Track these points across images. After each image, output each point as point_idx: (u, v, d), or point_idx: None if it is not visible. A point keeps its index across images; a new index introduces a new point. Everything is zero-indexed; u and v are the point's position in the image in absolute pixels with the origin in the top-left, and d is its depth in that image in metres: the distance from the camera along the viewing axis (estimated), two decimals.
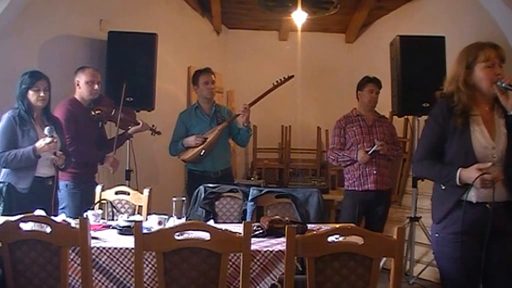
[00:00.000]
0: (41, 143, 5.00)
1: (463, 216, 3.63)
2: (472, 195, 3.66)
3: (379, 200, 6.46)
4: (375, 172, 6.35)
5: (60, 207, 5.72)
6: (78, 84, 5.95)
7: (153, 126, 6.39)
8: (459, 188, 3.66)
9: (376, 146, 6.26)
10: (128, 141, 6.48)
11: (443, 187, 3.81)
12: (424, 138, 3.99)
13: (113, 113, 5.98)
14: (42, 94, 5.13)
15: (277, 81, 6.87)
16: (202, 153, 6.66)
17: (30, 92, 5.12)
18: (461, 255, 3.68)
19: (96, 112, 5.92)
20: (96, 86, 5.93)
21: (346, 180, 6.59)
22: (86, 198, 5.54)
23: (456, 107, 3.75)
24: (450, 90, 3.84)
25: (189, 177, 7.04)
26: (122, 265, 3.74)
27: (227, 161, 7.12)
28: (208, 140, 6.68)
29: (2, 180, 5.11)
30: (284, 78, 6.88)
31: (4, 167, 5.12)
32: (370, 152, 6.28)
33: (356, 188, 6.42)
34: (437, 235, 3.86)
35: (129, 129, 6.20)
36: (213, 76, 6.93)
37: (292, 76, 6.94)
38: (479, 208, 3.66)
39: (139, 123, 6.17)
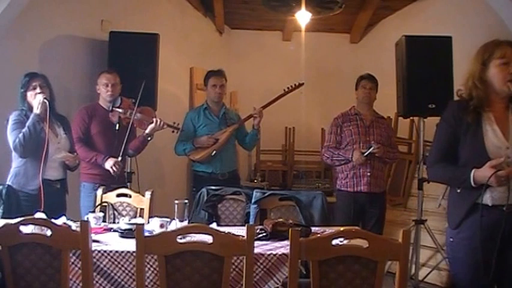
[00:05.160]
0: (34, 104, 5.13)
1: (480, 219, 3.57)
2: (487, 198, 3.60)
3: (372, 203, 6.42)
4: (368, 174, 6.32)
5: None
6: (98, 89, 6.18)
7: (174, 123, 6.36)
8: (475, 190, 3.60)
9: (372, 148, 6.21)
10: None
11: (458, 190, 3.76)
12: (436, 141, 3.94)
13: (128, 114, 6.00)
14: (38, 91, 5.17)
15: (288, 88, 6.88)
16: (213, 154, 6.70)
17: (28, 93, 5.20)
18: (475, 261, 3.62)
19: (113, 114, 6.00)
20: (110, 88, 6.07)
21: (339, 179, 6.57)
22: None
23: (470, 103, 3.71)
24: (468, 88, 3.80)
25: (195, 180, 7.00)
26: (123, 268, 3.74)
27: (234, 163, 7.16)
28: (219, 141, 6.72)
29: (3, 182, 5.12)
30: (295, 85, 6.89)
31: (23, 154, 5.13)
32: (366, 154, 6.23)
33: (348, 189, 6.39)
34: (451, 239, 3.82)
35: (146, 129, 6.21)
36: (223, 80, 6.96)
37: (303, 84, 6.94)
38: (495, 211, 3.60)
39: (152, 122, 6.13)
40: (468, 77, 3.80)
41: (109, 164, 5.89)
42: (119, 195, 5.49)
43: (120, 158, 5.91)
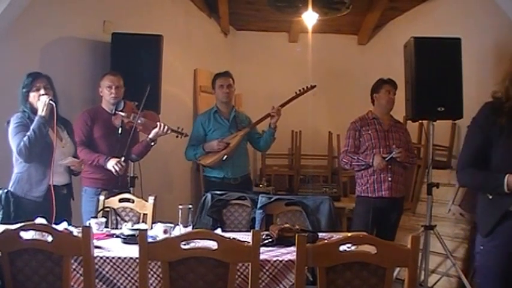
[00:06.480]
0: (40, 106, 5.01)
1: None
2: None
3: (392, 208, 6.44)
4: (389, 179, 6.32)
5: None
6: (101, 92, 6.16)
7: (178, 128, 6.34)
8: (508, 196, 3.55)
9: (394, 152, 6.22)
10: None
11: (490, 196, 3.69)
12: (467, 145, 3.88)
13: (131, 118, 5.98)
14: (42, 92, 5.06)
15: (300, 90, 6.91)
16: (224, 159, 6.70)
17: (31, 94, 5.09)
18: (507, 270, 3.59)
19: (116, 117, 5.99)
20: (113, 90, 6.06)
21: (359, 185, 6.55)
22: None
23: (506, 104, 3.64)
24: (504, 87, 3.70)
25: (207, 185, 6.98)
26: (126, 275, 3.74)
27: (246, 167, 7.18)
28: (230, 145, 6.72)
29: (4, 187, 5.04)
30: (307, 87, 6.93)
31: (28, 159, 4.99)
32: (387, 159, 6.24)
33: (369, 195, 6.39)
34: (482, 247, 3.76)
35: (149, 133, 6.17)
36: (230, 80, 6.98)
37: (315, 86, 6.97)
38: None
39: (156, 126, 6.08)
40: (504, 77, 3.73)
41: (111, 163, 5.85)
42: (121, 200, 5.49)
43: (123, 158, 5.89)
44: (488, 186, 3.70)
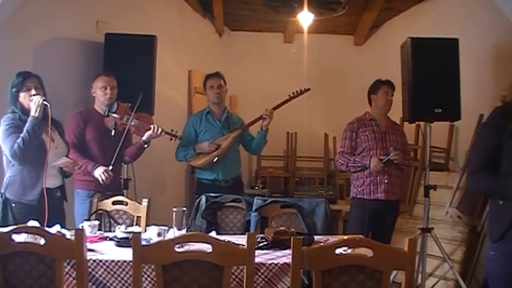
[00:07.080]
0: (32, 107, 4.95)
1: None
2: None
3: (387, 210, 6.43)
4: (386, 181, 6.31)
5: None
6: (94, 93, 6.13)
7: (172, 130, 6.33)
8: None
9: (391, 155, 6.21)
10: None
11: (500, 202, 3.68)
12: (477, 149, 3.88)
13: (124, 120, 5.97)
14: (33, 92, 5.02)
15: (293, 93, 6.88)
16: (215, 160, 6.69)
17: (21, 94, 5.04)
18: None
19: (109, 119, 5.97)
20: (108, 91, 6.04)
21: (354, 187, 6.53)
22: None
23: None
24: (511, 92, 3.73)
25: (199, 187, 6.96)
26: (119, 279, 3.73)
27: (237, 169, 7.16)
28: (221, 147, 6.71)
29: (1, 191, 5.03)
30: (301, 90, 6.89)
31: (22, 161, 4.93)
32: (384, 161, 6.23)
33: (365, 197, 6.37)
34: (492, 253, 3.75)
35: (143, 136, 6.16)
36: (220, 80, 6.96)
37: (309, 89, 6.94)
38: None
39: (150, 128, 6.06)
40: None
41: (98, 172, 5.83)
42: (115, 203, 5.48)
43: (110, 167, 5.87)
44: (498, 192, 3.69)
